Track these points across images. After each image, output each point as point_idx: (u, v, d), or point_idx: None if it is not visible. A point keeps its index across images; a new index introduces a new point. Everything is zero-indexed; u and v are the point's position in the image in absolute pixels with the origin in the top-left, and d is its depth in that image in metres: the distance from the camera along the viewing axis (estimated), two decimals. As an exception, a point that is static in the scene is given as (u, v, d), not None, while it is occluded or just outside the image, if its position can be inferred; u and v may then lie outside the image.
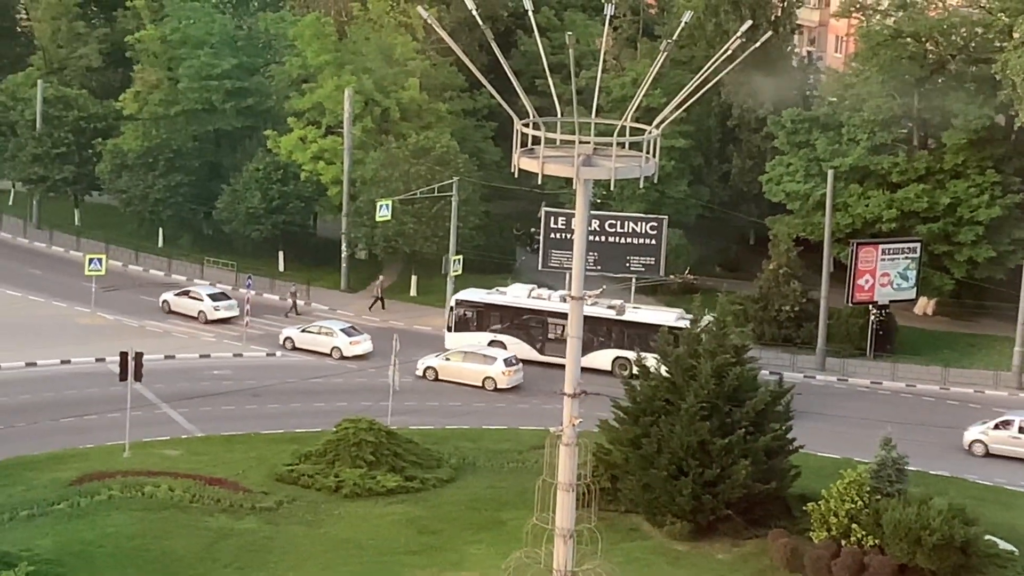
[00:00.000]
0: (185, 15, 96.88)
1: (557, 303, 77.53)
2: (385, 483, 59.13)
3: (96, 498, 56.61)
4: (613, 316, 76.56)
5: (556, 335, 76.99)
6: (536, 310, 78.44)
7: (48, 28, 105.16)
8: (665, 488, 56.04)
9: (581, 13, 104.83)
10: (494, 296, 79.97)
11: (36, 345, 76.47)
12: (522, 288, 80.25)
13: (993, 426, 67.80)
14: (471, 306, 79.56)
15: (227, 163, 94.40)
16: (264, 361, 77.49)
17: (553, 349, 76.68)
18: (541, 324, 78.33)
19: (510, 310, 78.92)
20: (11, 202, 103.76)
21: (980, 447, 67.68)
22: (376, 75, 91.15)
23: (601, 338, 76.70)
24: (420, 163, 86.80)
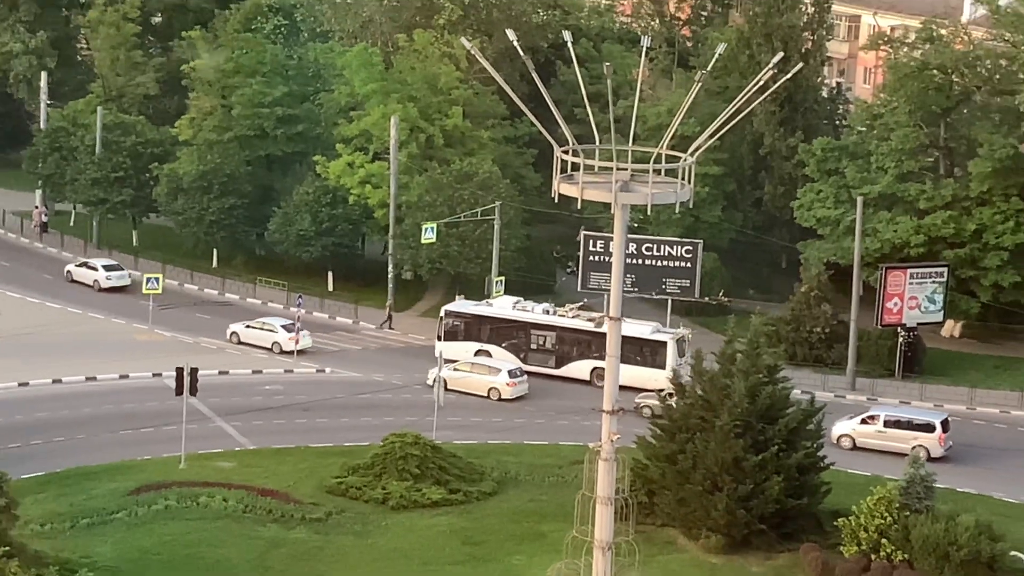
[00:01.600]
0: (238, 45, 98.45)
1: (540, 315, 79.97)
2: (430, 495, 60.06)
3: (153, 508, 57.69)
4: (592, 328, 78.32)
5: (539, 346, 79.62)
6: (520, 322, 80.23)
7: (108, 57, 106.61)
8: (700, 503, 56.63)
9: (618, 44, 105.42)
10: (481, 307, 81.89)
11: (96, 360, 77.82)
12: (508, 300, 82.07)
13: (860, 421, 70.49)
14: (459, 317, 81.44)
15: (278, 187, 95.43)
16: (314, 377, 78.64)
17: (535, 359, 79.52)
18: (525, 335, 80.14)
19: (496, 321, 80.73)
20: (72, 223, 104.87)
21: (848, 441, 70.16)
22: (421, 103, 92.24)
23: (580, 349, 78.85)
24: (464, 188, 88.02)
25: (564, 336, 79.56)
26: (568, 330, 79.55)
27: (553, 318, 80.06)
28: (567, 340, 79.49)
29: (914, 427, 69.86)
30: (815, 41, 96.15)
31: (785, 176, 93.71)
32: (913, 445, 67.75)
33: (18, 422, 68.34)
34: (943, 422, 70.07)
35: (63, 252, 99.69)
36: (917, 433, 69.47)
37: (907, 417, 71.06)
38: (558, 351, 79.49)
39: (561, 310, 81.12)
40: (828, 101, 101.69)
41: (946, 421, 70.40)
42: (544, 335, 79.76)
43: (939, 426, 69.71)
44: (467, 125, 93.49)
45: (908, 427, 69.95)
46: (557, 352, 79.50)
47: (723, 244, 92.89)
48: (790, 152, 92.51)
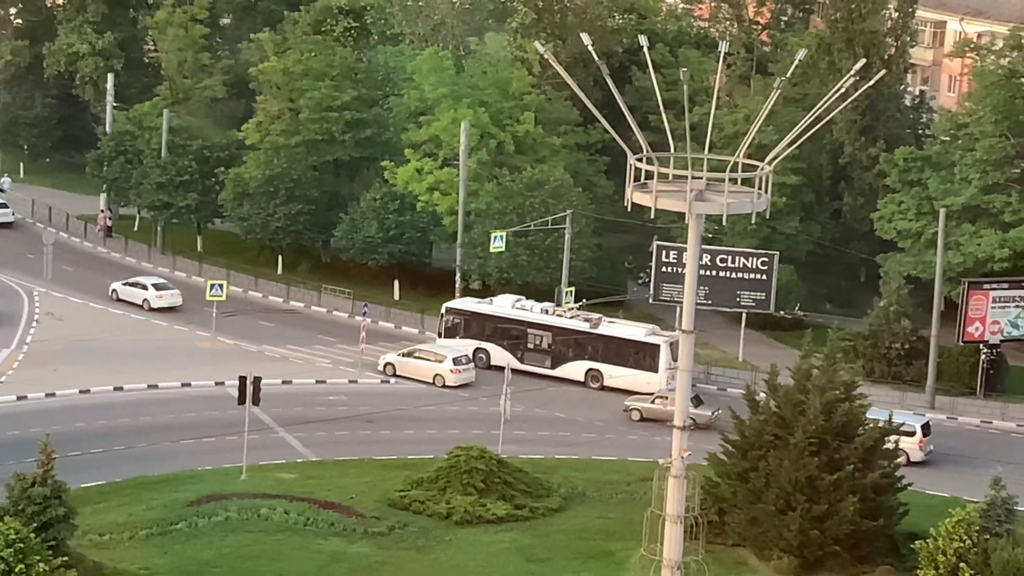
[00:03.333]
0: (307, 48, 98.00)
1: (537, 315, 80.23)
2: (495, 511, 59.58)
3: (213, 519, 57.43)
4: (587, 329, 78.73)
5: (535, 345, 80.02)
6: (517, 320, 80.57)
7: (174, 59, 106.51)
8: (773, 522, 56.05)
9: (695, 50, 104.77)
10: (480, 305, 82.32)
11: (158, 368, 77.68)
12: (508, 299, 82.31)
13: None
14: (459, 314, 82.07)
15: (345, 193, 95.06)
16: (378, 388, 78.18)
17: (532, 359, 80.00)
18: (522, 334, 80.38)
19: (494, 319, 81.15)
20: (136, 228, 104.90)
21: None
22: (492, 108, 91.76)
23: (575, 350, 79.18)
24: (534, 196, 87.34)
25: (560, 337, 79.83)
26: (564, 331, 79.81)
27: (550, 318, 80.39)
28: (563, 341, 79.78)
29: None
30: (898, 47, 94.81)
31: (865, 187, 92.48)
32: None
33: (79, 430, 68.06)
34: (923, 426, 70.44)
35: (127, 257, 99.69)
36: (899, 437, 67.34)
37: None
38: (554, 351, 79.87)
39: (559, 310, 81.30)
40: (911, 110, 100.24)
41: (927, 425, 70.86)
42: (541, 335, 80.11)
43: (919, 430, 69.84)
44: (539, 131, 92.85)
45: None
46: (553, 352, 79.89)
47: (800, 256, 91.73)
48: (871, 162, 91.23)
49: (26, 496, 49.46)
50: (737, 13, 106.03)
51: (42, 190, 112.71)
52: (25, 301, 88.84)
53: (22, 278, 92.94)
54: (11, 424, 68.36)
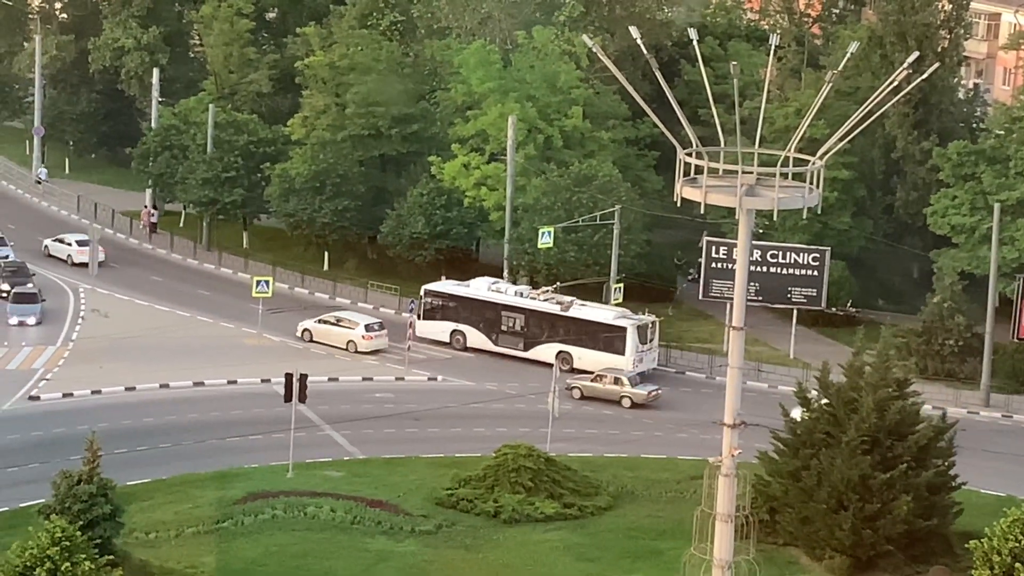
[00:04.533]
0: (353, 42, 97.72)
1: (511, 297, 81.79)
2: (544, 509, 59.39)
3: (260, 517, 57.44)
4: (558, 312, 79.99)
5: (508, 327, 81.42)
6: (492, 303, 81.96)
7: (220, 54, 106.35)
8: (825, 522, 55.81)
9: (745, 43, 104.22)
10: (458, 288, 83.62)
11: (204, 365, 77.64)
12: (484, 281, 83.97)
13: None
14: (438, 296, 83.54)
15: (392, 188, 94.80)
16: (425, 385, 77.85)
17: (506, 341, 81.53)
18: (496, 316, 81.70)
19: (470, 302, 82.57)
20: (182, 224, 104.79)
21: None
22: (540, 103, 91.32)
23: (547, 332, 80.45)
24: (582, 191, 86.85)
25: (532, 319, 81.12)
26: (536, 313, 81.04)
27: (522, 300, 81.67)
28: (535, 323, 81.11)
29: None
30: (951, 40, 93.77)
31: (918, 181, 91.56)
32: None
33: (125, 427, 68.09)
34: None
35: (172, 254, 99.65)
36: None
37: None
38: (527, 333, 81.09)
39: (533, 292, 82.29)
40: (965, 103, 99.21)
41: None
42: (514, 317, 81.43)
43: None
44: (587, 126, 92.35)
45: None
46: (526, 334, 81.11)
47: (852, 252, 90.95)
48: (924, 156, 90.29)
49: (72, 494, 49.73)
50: (788, 6, 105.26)
51: (88, 186, 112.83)
52: (71, 298, 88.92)
53: (68, 275, 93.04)
54: (57, 421, 68.59)
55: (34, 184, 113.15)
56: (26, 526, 48.27)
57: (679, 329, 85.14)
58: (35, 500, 53.80)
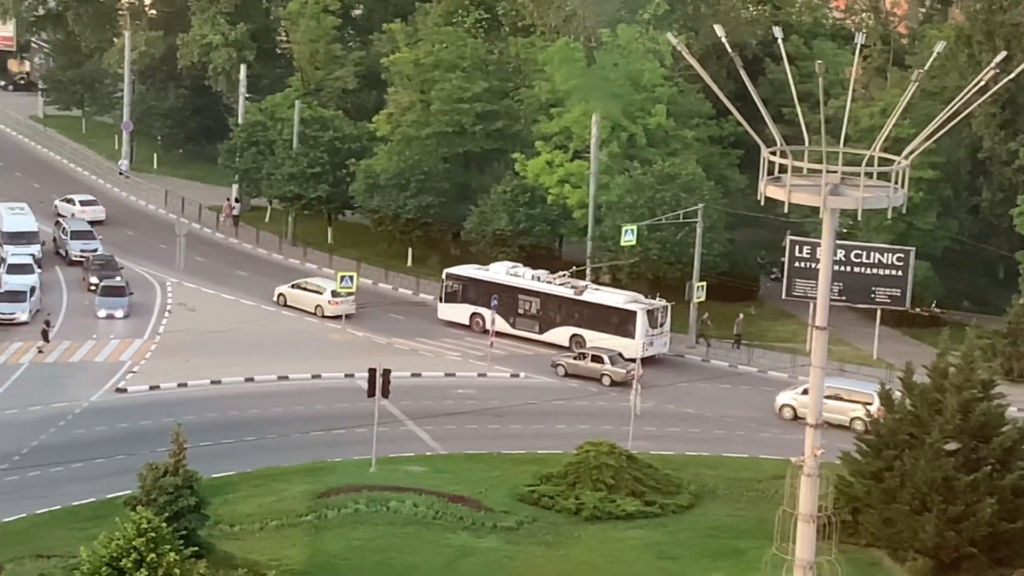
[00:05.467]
0: (438, 39, 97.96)
1: (528, 281, 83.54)
2: (625, 507, 59.23)
3: (343, 511, 57.62)
4: (572, 295, 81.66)
5: (525, 311, 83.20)
6: (510, 287, 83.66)
7: (307, 50, 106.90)
8: (907, 523, 55.35)
9: (830, 42, 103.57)
10: (478, 271, 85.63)
11: (289, 359, 78.02)
12: (503, 266, 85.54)
13: (801, 392, 70.74)
14: (458, 279, 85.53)
15: (475, 185, 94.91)
16: (508, 381, 77.93)
17: (522, 324, 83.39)
18: (513, 300, 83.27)
19: (489, 285, 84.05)
20: (267, 219, 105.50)
21: (789, 411, 72.70)
22: (623, 101, 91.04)
23: (562, 316, 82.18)
24: (666, 189, 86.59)
25: (547, 302, 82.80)
26: (551, 296, 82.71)
27: (539, 284, 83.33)
28: (550, 306, 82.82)
29: (854, 400, 71.69)
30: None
31: (1005, 182, 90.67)
32: (851, 417, 70.23)
33: (210, 420, 68.59)
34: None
35: (258, 248, 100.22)
36: (856, 405, 71.26)
37: (847, 389, 72.69)
38: (542, 317, 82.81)
39: (549, 276, 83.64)
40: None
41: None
42: (530, 300, 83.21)
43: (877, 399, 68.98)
44: (671, 124, 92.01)
45: (847, 400, 71.70)
46: (542, 318, 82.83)
47: (936, 252, 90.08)
48: (1011, 156, 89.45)
49: (158, 486, 49.93)
50: (874, 4, 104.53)
51: (175, 181, 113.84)
52: (158, 291, 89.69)
53: (155, 268, 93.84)
54: (144, 414, 69.24)
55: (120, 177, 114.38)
56: (112, 517, 48.79)
57: (761, 328, 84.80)
58: (121, 491, 54.26)
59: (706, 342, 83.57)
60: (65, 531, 55.36)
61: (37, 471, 61.97)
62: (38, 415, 69.05)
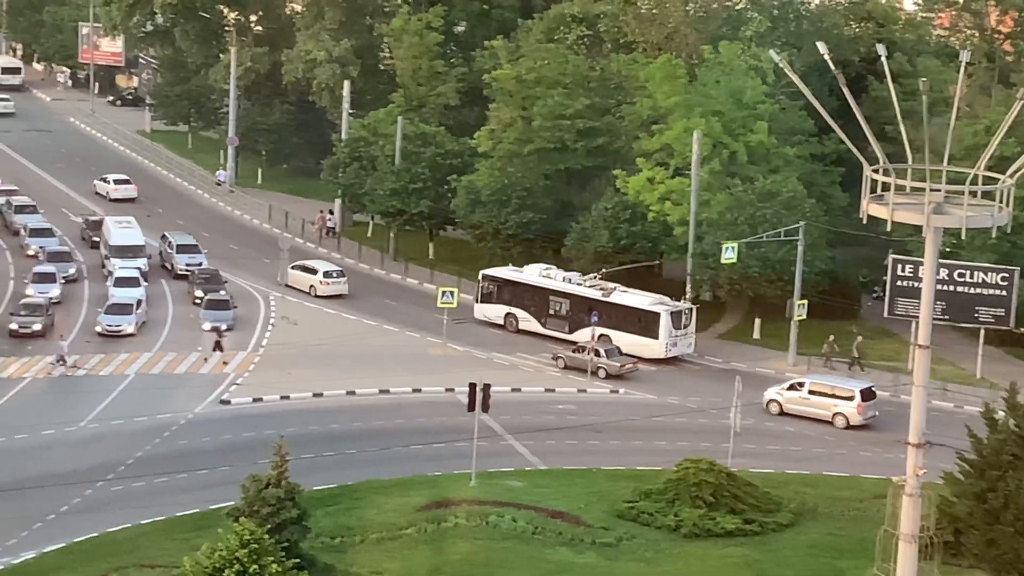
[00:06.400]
0: (540, 56, 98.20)
1: (560, 283, 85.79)
2: (724, 525, 58.92)
3: (443, 525, 57.70)
4: (599, 297, 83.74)
5: (555, 311, 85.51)
6: (542, 288, 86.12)
7: (409, 67, 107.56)
8: (1011, 545, 54.39)
9: (934, 59, 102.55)
10: (512, 273, 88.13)
11: (389, 373, 78.39)
12: (537, 267, 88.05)
13: (787, 387, 75.00)
14: (493, 281, 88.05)
15: (576, 201, 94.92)
16: (607, 397, 77.90)
17: (553, 324, 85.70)
18: (544, 300, 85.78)
19: (522, 286, 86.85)
20: (369, 234, 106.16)
21: (775, 406, 75.07)
22: (725, 118, 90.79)
23: (588, 316, 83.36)
24: (766, 206, 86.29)
25: (576, 303, 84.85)
26: (581, 298, 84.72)
27: (568, 286, 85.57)
28: (579, 307, 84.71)
29: (836, 396, 74.43)
30: None
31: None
32: (834, 412, 73.76)
33: (312, 432, 69.08)
34: (863, 391, 74.38)
35: (360, 264, 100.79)
36: (838, 401, 74.26)
37: (830, 385, 75.16)
38: (571, 317, 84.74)
39: (579, 278, 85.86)
40: None
41: (867, 391, 74.66)
42: (561, 301, 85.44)
43: (858, 395, 74.08)
44: (772, 141, 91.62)
45: (830, 395, 74.49)
46: (571, 318, 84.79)
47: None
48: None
49: (261, 497, 50.34)
50: (979, 22, 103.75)
51: (278, 195, 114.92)
52: (261, 305, 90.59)
53: (258, 282, 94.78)
54: (247, 426, 69.87)
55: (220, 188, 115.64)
56: (215, 528, 49.42)
57: (863, 347, 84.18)
58: (224, 503, 54.72)
59: (831, 366, 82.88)
60: (168, 541, 55.91)
61: (142, 481, 62.71)
62: (143, 426, 69.92)
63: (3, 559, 54.91)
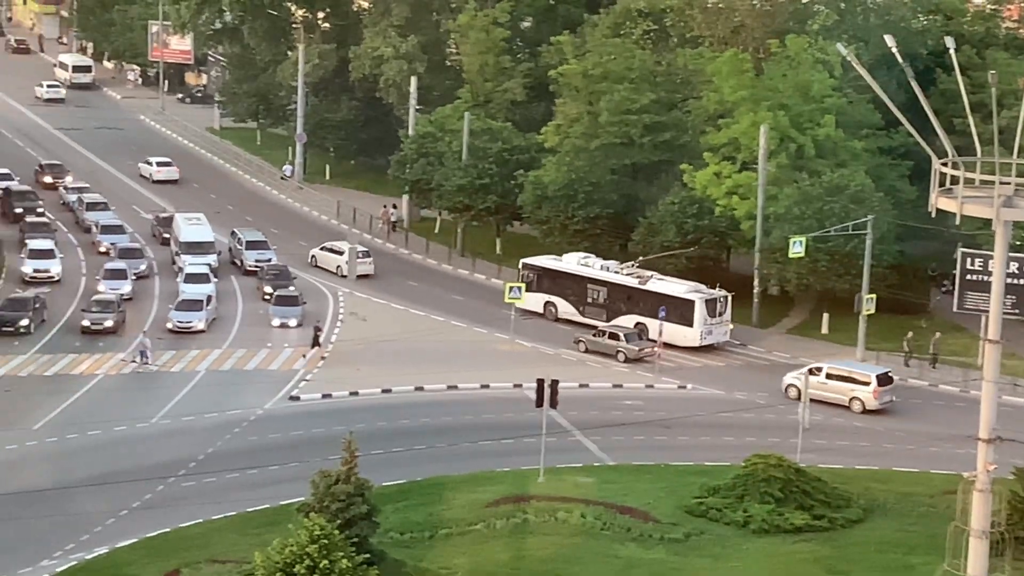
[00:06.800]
0: (606, 51, 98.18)
1: (597, 271, 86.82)
2: (793, 520, 58.57)
3: (511, 520, 57.67)
4: (635, 285, 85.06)
5: (593, 299, 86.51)
6: (580, 276, 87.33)
7: (476, 63, 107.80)
8: (1082, 541, 54.50)
9: (1003, 52, 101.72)
10: (551, 261, 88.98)
11: (457, 369, 78.66)
12: (575, 256, 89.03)
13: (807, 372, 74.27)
14: (533, 269, 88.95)
15: (643, 196, 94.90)
16: (675, 393, 77.89)
17: (591, 312, 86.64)
18: (582, 289, 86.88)
19: (561, 275, 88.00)
20: (437, 230, 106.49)
21: (794, 391, 74.95)
22: (792, 111, 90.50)
23: (627, 304, 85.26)
24: (834, 200, 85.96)
25: (614, 291, 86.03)
26: (617, 286, 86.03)
27: (606, 274, 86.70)
28: (616, 295, 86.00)
29: (852, 380, 75.61)
30: None
31: None
32: (850, 396, 75.06)
33: (381, 428, 69.44)
34: (879, 377, 75.59)
35: (428, 259, 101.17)
36: (855, 386, 75.47)
37: (847, 370, 76.42)
38: (609, 306, 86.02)
39: (616, 266, 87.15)
40: None
41: (884, 376, 75.93)
42: (599, 289, 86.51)
43: (875, 380, 75.30)
44: (840, 135, 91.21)
45: (847, 380, 75.60)
46: (608, 306, 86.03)
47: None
48: None
49: (330, 493, 50.53)
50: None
51: (346, 191, 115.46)
52: (330, 301, 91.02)
53: (327, 279, 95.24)
54: (316, 422, 70.26)
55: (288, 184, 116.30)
56: (286, 523, 49.71)
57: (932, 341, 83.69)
58: (295, 498, 54.88)
59: (908, 362, 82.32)
60: (239, 537, 56.32)
61: (213, 477, 63.32)
62: (214, 422, 70.51)
63: (76, 554, 55.51)
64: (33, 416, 70.52)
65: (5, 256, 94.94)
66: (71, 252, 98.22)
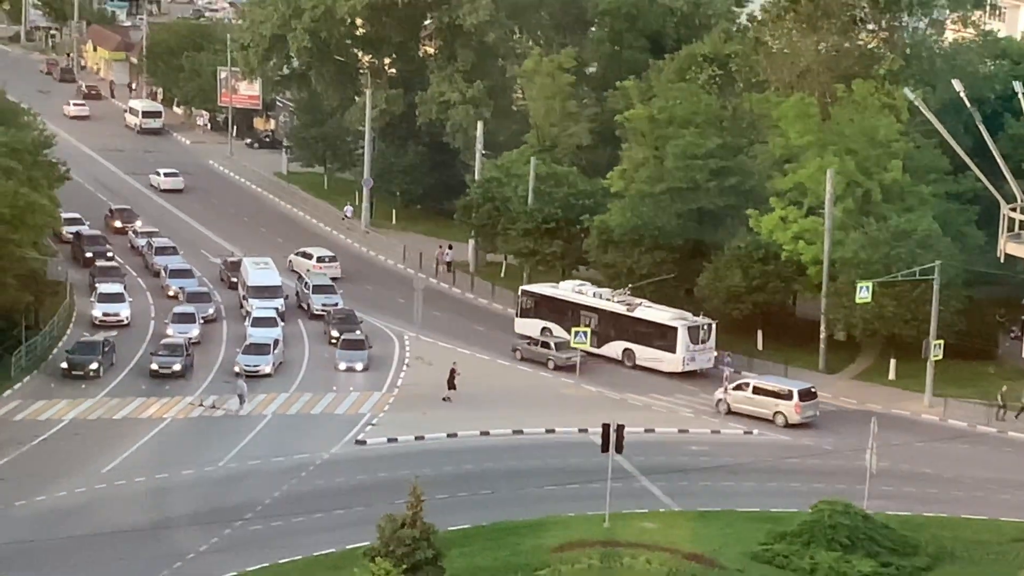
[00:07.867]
0: (672, 95, 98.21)
1: (588, 298, 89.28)
2: (860, 568, 58.23)
3: (576, 566, 57.41)
4: (623, 312, 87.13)
5: (584, 326, 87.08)
6: (573, 303, 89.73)
7: (542, 107, 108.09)
8: None
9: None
10: (547, 289, 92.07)
11: (523, 413, 78.68)
12: (571, 284, 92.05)
13: (734, 387, 79.63)
14: (531, 296, 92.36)
15: (709, 241, 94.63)
16: (741, 439, 77.64)
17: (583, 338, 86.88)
18: (575, 315, 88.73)
19: (556, 301, 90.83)
20: (503, 274, 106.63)
21: (724, 405, 79.73)
22: (859, 156, 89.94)
23: (615, 331, 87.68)
24: (901, 245, 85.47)
25: (604, 318, 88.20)
26: (607, 313, 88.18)
27: (596, 300, 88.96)
28: (606, 322, 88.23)
29: (776, 395, 78.79)
30: None
31: None
32: (774, 410, 78.16)
33: (446, 473, 69.54)
34: (801, 392, 78.57)
35: (493, 303, 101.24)
36: (778, 400, 78.70)
37: (772, 385, 79.68)
38: (600, 332, 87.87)
39: (607, 293, 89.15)
40: None
41: (806, 391, 78.91)
42: (590, 316, 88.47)
43: (796, 395, 78.42)
44: (907, 179, 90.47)
45: (771, 395, 78.79)
46: (599, 332, 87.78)
47: None
48: None
49: (396, 537, 50.72)
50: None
51: (413, 236, 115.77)
52: (396, 345, 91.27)
53: (394, 322, 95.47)
54: (382, 466, 70.48)
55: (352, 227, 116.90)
56: (352, 567, 50.06)
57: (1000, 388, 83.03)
58: (361, 542, 55.09)
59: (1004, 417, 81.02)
60: (307, 580, 56.63)
61: (280, 521, 63.52)
62: (281, 466, 70.86)
63: (144, 598, 55.86)
64: (102, 460, 71.11)
65: (75, 300, 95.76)
66: (140, 296, 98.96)
